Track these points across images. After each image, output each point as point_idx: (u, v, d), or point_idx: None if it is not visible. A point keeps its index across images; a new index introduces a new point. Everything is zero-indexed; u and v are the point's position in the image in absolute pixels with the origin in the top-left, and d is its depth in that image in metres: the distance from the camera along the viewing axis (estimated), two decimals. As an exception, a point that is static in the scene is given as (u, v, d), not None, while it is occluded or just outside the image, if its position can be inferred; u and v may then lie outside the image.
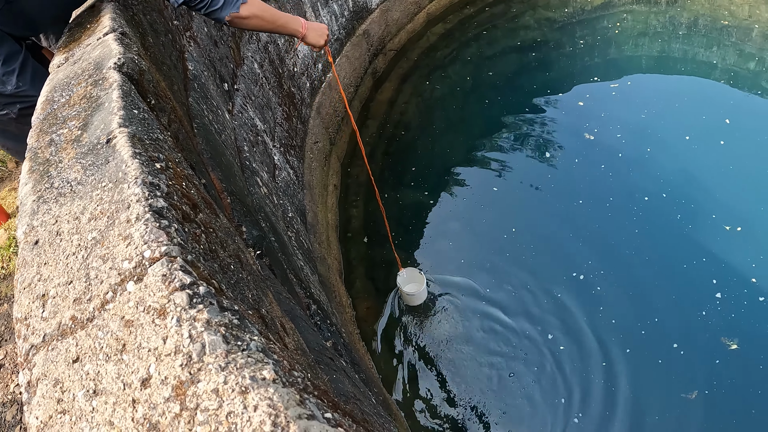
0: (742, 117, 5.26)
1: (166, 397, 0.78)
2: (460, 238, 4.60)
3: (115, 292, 0.98)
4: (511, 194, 4.94)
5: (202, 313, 0.86)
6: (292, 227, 3.80)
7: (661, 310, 3.96)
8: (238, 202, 2.67)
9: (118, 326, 0.92)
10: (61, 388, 0.92)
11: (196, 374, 0.78)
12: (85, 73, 1.79)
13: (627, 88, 5.79)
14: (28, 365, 1.02)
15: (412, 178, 5.14)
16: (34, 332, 1.05)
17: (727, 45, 6.17)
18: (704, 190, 4.67)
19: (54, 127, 1.60)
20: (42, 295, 1.11)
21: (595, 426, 3.49)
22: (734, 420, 3.45)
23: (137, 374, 0.84)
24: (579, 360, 3.77)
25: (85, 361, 0.93)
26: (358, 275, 4.55)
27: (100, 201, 1.19)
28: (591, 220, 4.59)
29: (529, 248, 4.43)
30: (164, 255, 0.98)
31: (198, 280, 0.94)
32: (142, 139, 1.37)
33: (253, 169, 3.59)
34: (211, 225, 1.42)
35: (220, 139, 3.13)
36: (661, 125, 5.27)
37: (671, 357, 3.72)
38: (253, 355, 0.80)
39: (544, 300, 4.07)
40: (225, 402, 0.73)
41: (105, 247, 1.08)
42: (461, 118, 5.80)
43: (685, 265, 4.21)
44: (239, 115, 3.83)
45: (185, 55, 3.24)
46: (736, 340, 3.77)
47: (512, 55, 6.55)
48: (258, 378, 0.75)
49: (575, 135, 5.31)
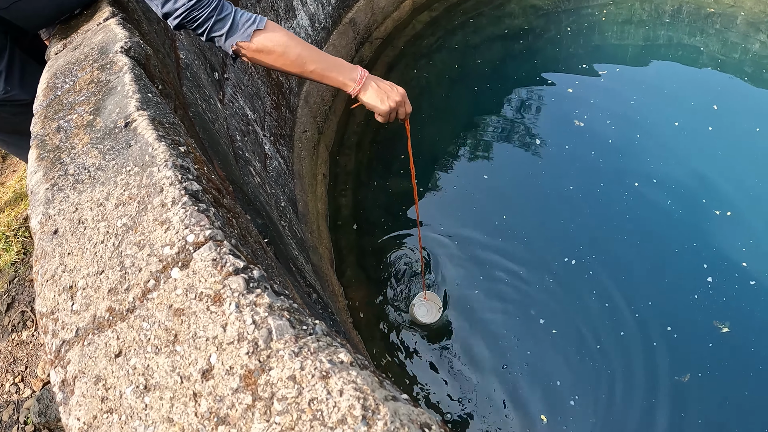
0: (729, 103, 5.29)
1: (234, 388, 0.72)
2: (450, 226, 4.57)
3: (157, 280, 0.92)
4: (502, 181, 4.92)
5: (262, 298, 0.80)
6: (285, 217, 3.75)
7: (654, 294, 3.98)
8: (239, 190, 2.61)
9: (166, 316, 0.86)
10: (104, 386, 0.86)
11: (266, 362, 0.72)
12: (89, 58, 1.70)
13: (615, 75, 5.79)
14: (61, 362, 0.95)
15: (400, 166, 5.10)
16: (64, 327, 0.98)
17: (711, 33, 6.22)
18: (694, 176, 4.70)
19: (60, 113, 1.52)
20: (69, 287, 1.04)
21: (590, 408, 3.49)
22: (728, 402, 3.48)
23: (196, 366, 0.78)
24: (572, 344, 3.77)
25: (130, 355, 0.86)
26: (349, 264, 4.51)
27: (126, 186, 1.12)
28: (582, 206, 4.59)
29: (520, 234, 4.42)
30: (209, 239, 0.92)
31: (249, 264, 0.89)
32: (162, 122, 1.30)
33: (246, 158, 3.52)
34: (235, 211, 1.36)
35: (214, 128, 3.05)
36: (650, 112, 5.28)
37: (665, 340, 3.74)
38: (321, 338, 0.75)
39: (536, 285, 4.06)
40: (305, 389, 0.67)
41: (139, 233, 1.01)
42: (449, 106, 5.76)
43: (676, 250, 4.23)
44: (230, 104, 3.75)
45: (176, 44, 3.15)
46: (728, 323, 3.80)
47: (499, 43, 6.52)
48: (336, 361, 0.69)
49: (565, 122, 5.30)
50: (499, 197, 4.79)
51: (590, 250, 4.26)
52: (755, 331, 3.78)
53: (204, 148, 2.07)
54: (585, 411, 3.50)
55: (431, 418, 0.68)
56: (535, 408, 3.51)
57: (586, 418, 3.45)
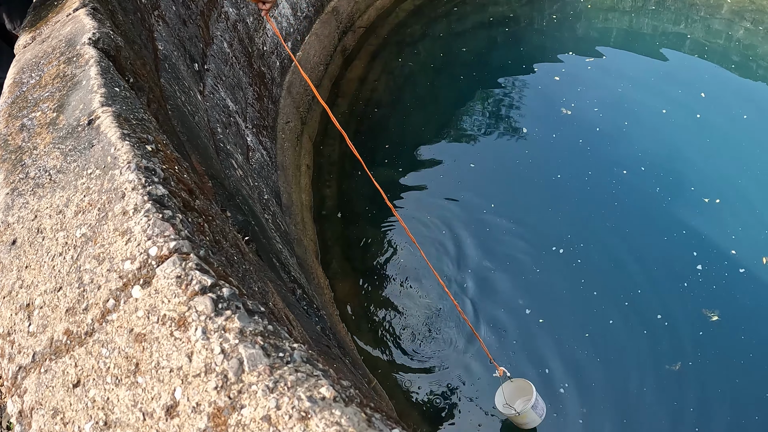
0: (717, 91, 5.26)
1: (201, 429, 0.63)
2: (437, 215, 4.50)
3: (117, 299, 0.83)
4: (489, 170, 4.85)
5: (232, 321, 0.71)
6: (268, 209, 3.66)
7: (643, 282, 3.93)
8: (219, 185, 2.52)
9: (127, 341, 0.77)
10: (63, 420, 0.77)
11: (237, 398, 0.63)
12: (56, 51, 1.59)
13: (602, 63, 5.73)
14: (18, 391, 0.85)
15: (385, 155, 5.01)
16: (21, 350, 0.89)
17: (696, 20, 6.17)
18: (682, 164, 4.65)
19: (25, 110, 1.41)
20: (26, 305, 0.94)
21: (580, 397, 3.45)
22: (719, 389, 3.45)
23: (159, 401, 0.69)
24: (560, 332, 3.72)
25: (89, 385, 0.77)
26: (334, 255, 4.43)
27: (87, 191, 1.02)
28: (570, 194, 4.54)
29: (508, 223, 4.35)
30: (174, 251, 0.83)
31: (218, 280, 0.79)
32: (128, 119, 1.20)
33: (228, 150, 3.42)
34: (209, 212, 1.27)
35: (194, 121, 2.95)
36: (638, 99, 5.23)
37: (655, 328, 3.70)
38: (301, 368, 0.66)
39: (524, 275, 4.01)
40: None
41: (98, 245, 0.92)
42: (434, 94, 5.67)
43: (665, 238, 4.19)
44: (211, 96, 3.63)
45: (154, 35, 3.04)
46: (717, 312, 3.77)
47: (484, 31, 6.42)
48: (317, 398, 0.61)
49: (552, 110, 5.23)
50: (486, 186, 4.72)
51: (578, 238, 4.21)
52: (745, 319, 3.76)
53: (181, 143, 1.97)
54: (574, 399, 3.46)
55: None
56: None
57: (576, 407, 3.41)
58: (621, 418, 3.36)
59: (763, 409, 3.34)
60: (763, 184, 4.46)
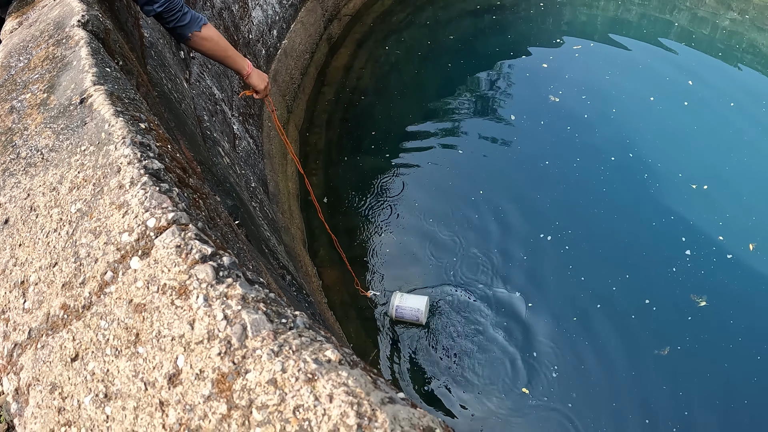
0: (704, 78, 5.29)
1: (206, 396, 0.62)
2: (425, 201, 4.49)
3: (115, 271, 0.81)
4: (477, 157, 4.85)
5: (233, 288, 0.70)
6: (255, 197, 3.64)
7: (632, 267, 3.95)
8: (208, 171, 2.50)
9: (126, 312, 0.76)
10: (61, 394, 0.75)
11: (242, 363, 0.63)
12: (44, 34, 1.57)
13: (590, 50, 5.74)
14: (13, 368, 0.84)
15: (372, 142, 4.99)
16: (16, 328, 0.88)
17: (683, 9, 6.20)
18: (670, 150, 4.68)
19: (13, 93, 1.39)
20: (21, 283, 0.93)
21: (570, 381, 3.47)
22: (708, 373, 3.49)
23: (161, 370, 0.68)
24: (549, 317, 3.73)
25: (88, 358, 0.76)
26: (321, 244, 4.41)
27: (81, 167, 1.00)
28: (558, 181, 4.55)
29: (496, 210, 4.36)
30: (173, 222, 0.81)
31: (218, 250, 0.79)
32: (121, 97, 1.18)
33: (215, 138, 3.40)
34: (203, 191, 1.26)
35: (180, 108, 2.92)
36: (626, 87, 5.25)
37: (643, 313, 3.72)
38: (304, 333, 0.65)
39: (512, 261, 4.02)
40: (289, 394, 0.58)
41: (95, 219, 0.90)
42: (420, 82, 5.66)
43: (654, 223, 4.22)
44: (197, 83, 3.60)
45: (140, 22, 3.01)
46: (705, 297, 3.80)
47: (470, 19, 6.41)
48: (323, 360, 0.60)
49: (540, 97, 5.24)
50: (475, 173, 4.72)
51: (566, 225, 4.23)
52: (732, 304, 3.79)
53: (170, 128, 1.95)
54: (565, 384, 3.48)
55: (434, 420, 0.60)
56: (516, 381, 3.48)
57: (565, 391, 3.43)
58: (610, 401, 3.38)
59: (750, 392, 3.38)
60: (750, 171, 4.50)
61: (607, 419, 3.33)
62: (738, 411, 3.33)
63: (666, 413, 3.34)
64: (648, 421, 3.32)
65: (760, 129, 4.84)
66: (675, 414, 3.33)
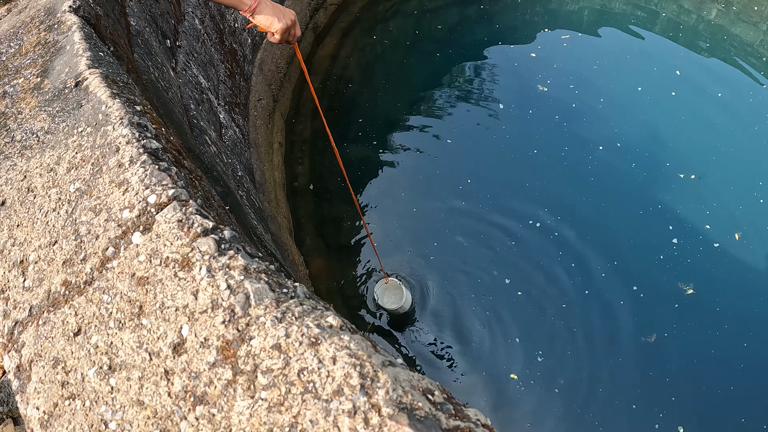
0: (691, 69, 5.33)
1: (210, 363, 0.64)
2: (413, 190, 4.49)
3: (116, 246, 0.82)
4: (466, 146, 4.85)
5: (235, 260, 0.72)
6: (242, 186, 3.64)
7: (620, 255, 3.99)
8: (197, 158, 2.50)
9: (129, 286, 0.77)
10: (64, 369, 0.76)
11: (246, 330, 0.64)
12: (35, 20, 1.57)
13: (578, 40, 5.76)
14: (14, 346, 0.85)
15: (359, 130, 4.98)
16: (16, 306, 0.88)
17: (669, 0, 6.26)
18: (658, 140, 4.71)
19: (5, 78, 1.39)
20: (20, 262, 0.94)
21: (557, 367, 3.50)
22: (694, 360, 3.53)
23: (165, 339, 0.69)
24: (538, 303, 3.76)
25: (91, 332, 0.77)
26: (308, 233, 4.41)
27: (79, 148, 1.01)
28: (546, 170, 4.57)
29: (485, 198, 4.38)
30: (173, 198, 0.83)
31: (218, 224, 0.80)
32: (116, 80, 1.19)
33: (201, 127, 3.40)
34: (197, 173, 1.27)
35: (167, 96, 2.92)
36: (614, 76, 5.28)
37: (631, 300, 3.76)
38: (305, 302, 0.67)
39: (501, 247, 4.03)
40: (293, 358, 0.59)
41: (94, 197, 0.91)
42: (407, 72, 5.64)
43: (641, 212, 4.26)
44: (183, 72, 3.59)
45: (126, 10, 2.99)
46: (692, 285, 3.85)
47: (458, 8, 6.40)
48: (325, 326, 0.62)
49: (528, 86, 5.25)
50: (463, 162, 4.73)
51: (555, 212, 4.25)
52: (719, 292, 3.83)
53: (160, 115, 1.95)
54: (552, 369, 3.51)
55: (432, 383, 0.62)
56: (504, 368, 3.51)
57: (552, 376, 3.46)
58: (596, 387, 3.42)
59: (736, 379, 3.42)
60: (737, 161, 4.55)
61: (594, 405, 3.37)
62: (724, 397, 3.38)
63: (652, 399, 3.38)
64: (635, 407, 3.36)
65: (747, 120, 4.90)
66: (661, 400, 3.37)
